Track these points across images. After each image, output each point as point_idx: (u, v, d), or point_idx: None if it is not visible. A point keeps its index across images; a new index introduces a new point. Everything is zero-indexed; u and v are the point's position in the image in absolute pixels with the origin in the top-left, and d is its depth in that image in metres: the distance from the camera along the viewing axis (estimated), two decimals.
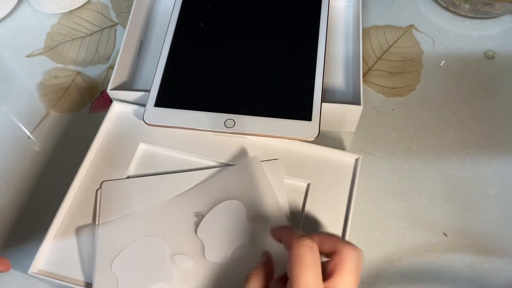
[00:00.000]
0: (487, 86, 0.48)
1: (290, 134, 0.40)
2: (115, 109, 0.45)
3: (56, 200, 0.40)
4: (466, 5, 0.51)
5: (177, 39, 0.46)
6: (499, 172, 0.44)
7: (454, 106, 0.47)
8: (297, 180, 0.41)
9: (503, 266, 0.39)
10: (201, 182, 0.41)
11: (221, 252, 0.37)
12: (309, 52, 0.44)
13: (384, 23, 0.53)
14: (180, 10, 0.48)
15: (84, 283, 0.37)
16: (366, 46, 0.51)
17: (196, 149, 0.42)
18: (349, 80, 0.47)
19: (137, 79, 0.49)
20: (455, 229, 0.41)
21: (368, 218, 0.41)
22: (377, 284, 0.39)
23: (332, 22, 0.51)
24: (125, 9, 0.55)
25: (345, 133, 0.46)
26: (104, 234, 0.38)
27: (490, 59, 0.50)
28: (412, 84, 0.49)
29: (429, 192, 0.43)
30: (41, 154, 0.46)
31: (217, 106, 0.41)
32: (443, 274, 0.39)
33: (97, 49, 0.52)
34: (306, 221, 0.39)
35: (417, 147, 0.45)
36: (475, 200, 0.42)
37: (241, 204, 0.39)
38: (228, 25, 0.47)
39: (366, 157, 0.44)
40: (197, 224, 0.39)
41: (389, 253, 0.40)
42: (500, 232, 0.41)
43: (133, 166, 0.42)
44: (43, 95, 0.49)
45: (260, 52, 0.45)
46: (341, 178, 0.41)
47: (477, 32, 0.52)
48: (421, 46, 0.51)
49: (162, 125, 0.41)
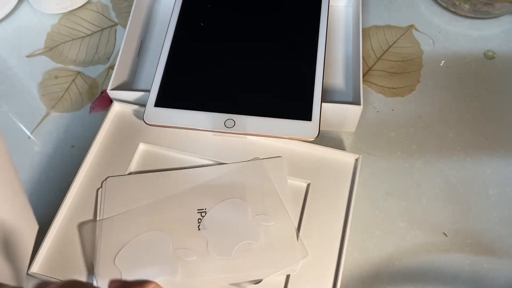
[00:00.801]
0: (487, 86, 0.48)
1: (290, 134, 0.40)
2: (115, 109, 0.45)
3: (56, 201, 0.40)
4: (466, 5, 0.51)
5: (177, 39, 0.46)
6: (499, 172, 0.44)
7: (454, 106, 0.47)
8: (297, 180, 0.41)
9: (503, 266, 0.39)
10: (204, 179, 0.41)
11: (225, 248, 0.37)
12: (309, 52, 0.44)
13: (384, 23, 0.53)
14: (180, 10, 0.48)
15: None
16: (366, 46, 0.51)
17: (196, 149, 0.42)
18: (349, 80, 0.47)
19: (137, 79, 0.49)
20: (455, 229, 0.41)
21: (368, 218, 0.42)
22: (377, 284, 0.39)
23: (332, 22, 0.51)
24: (125, 9, 0.55)
25: (345, 133, 0.46)
26: (107, 228, 0.38)
27: (490, 59, 0.50)
28: (412, 84, 0.49)
29: (429, 192, 0.43)
30: (41, 154, 0.46)
31: (217, 106, 0.41)
32: (443, 274, 0.39)
33: (97, 49, 0.52)
34: (306, 221, 0.39)
35: (417, 147, 0.45)
36: (475, 200, 0.42)
37: (243, 202, 0.39)
38: (228, 25, 0.47)
39: (366, 157, 0.44)
40: (200, 220, 0.39)
41: (389, 253, 0.40)
42: (500, 232, 0.41)
43: (133, 166, 0.42)
44: (43, 95, 0.49)
45: (260, 52, 0.45)
46: (341, 178, 0.41)
47: (477, 32, 0.52)
48: (421, 46, 0.51)
49: (162, 125, 0.41)
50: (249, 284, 0.37)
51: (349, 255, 0.39)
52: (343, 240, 0.38)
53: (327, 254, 0.38)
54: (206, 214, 0.39)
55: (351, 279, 0.39)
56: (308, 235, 0.39)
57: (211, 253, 0.37)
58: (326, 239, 0.39)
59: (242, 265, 0.37)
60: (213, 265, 0.37)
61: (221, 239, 0.38)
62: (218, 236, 0.38)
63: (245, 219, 0.39)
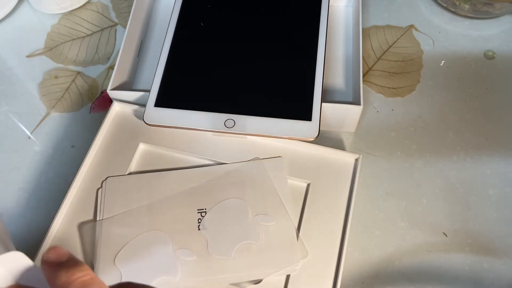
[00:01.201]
0: (487, 86, 0.48)
1: (290, 134, 0.40)
2: (115, 109, 0.45)
3: (56, 201, 0.40)
4: (466, 5, 0.51)
5: (177, 39, 0.46)
6: (499, 172, 0.44)
7: (454, 106, 0.47)
8: (297, 180, 0.41)
9: (503, 266, 0.39)
10: (204, 179, 0.41)
11: (225, 248, 0.37)
12: (309, 52, 0.44)
13: (384, 23, 0.53)
14: (180, 10, 0.48)
15: None
16: (366, 46, 0.51)
17: (196, 149, 0.42)
18: (349, 80, 0.47)
19: (137, 79, 0.49)
20: (455, 229, 0.41)
21: (368, 218, 0.42)
22: (377, 284, 0.39)
23: (332, 22, 0.51)
24: (125, 9, 0.55)
25: (345, 133, 0.46)
26: (107, 228, 0.38)
27: (490, 59, 0.50)
28: (412, 84, 0.49)
29: (429, 192, 0.43)
30: (41, 154, 0.46)
31: (217, 106, 0.41)
32: (443, 274, 0.39)
33: (97, 49, 0.52)
34: (306, 221, 0.39)
35: (417, 147, 0.45)
36: (475, 200, 0.42)
37: (243, 202, 0.39)
38: (228, 25, 0.47)
39: (366, 157, 0.44)
40: (200, 220, 0.39)
41: (389, 253, 0.40)
42: (500, 232, 0.41)
43: (133, 166, 0.42)
44: (43, 95, 0.49)
45: (260, 52, 0.45)
46: (341, 178, 0.41)
47: (477, 32, 0.52)
48: (421, 46, 0.51)
49: (162, 125, 0.41)
50: (249, 284, 0.37)
51: (349, 255, 0.39)
52: (343, 240, 0.38)
53: (327, 254, 0.38)
54: (206, 214, 0.39)
55: (351, 279, 0.39)
56: (308, 235, 0.39)
57: (211, 253, 0.37)
58: (326, 239, 0.39)
59: (242, 265, 0.37)
60: (213, 265, 0.37)
61: (221, 239, 0.38)
62: (218, 236, 0.38)
63: (245, 219, 0.39)
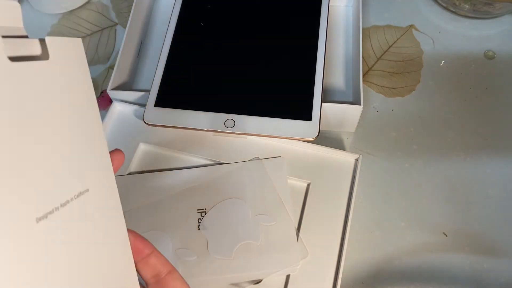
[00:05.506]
0: (487, 86, 0.48)
1: (290, 134, 0.40)
2: (115, 109, 0.45)
3: None
4: (466, 5, 0.51)
5: (177, 39, 0.46)
6: (499, 172, 0.44)
7: (454, 106, 0.47)
8: (297, 180, 0.41)
9: (502, 266, 0.39)
10: (204, 179, 0.41)
11: (225, 248, 0.37)
12: (309, 52, 0.44)
13: (384, 23, 0.53)
14: (180, 10, 0.48)
15: None
16: (366, 46, 0.51)
17: (196, 149, 0.42)
18: (349, 80, 0.47)
19: (137, 79, 0.49)
20: (455, 229, 0.41)
21: (368, 218, 0.42)
22: (377, 284, 0.39)
23: (332, 22, 0.51)
24: (125, 9, 0.55)
25: (345, 133, 0.46)
26: None
27: (490, 59, 0.50)
28: (412, 84, 0.49)
29: (429, 192, 0.43)
30: None
31: (217, 106, 0.41)
32: (443, 274, 0.39)
33: (97, 49, 0.52)
34: (306, 221, 0.39)
35: (417, 147, 0.45)
36: (475, 200, 0.42)
37: (243, 202, 0.39)
38: (228, 25, 0.47)
39: (366, 157, 0.44)
40: (200, 220, 0.39)
41: (389, 253, 0.40)
42: (500, 232, 0.41)
43: (133, 166, 0.42)
44: None
45: (260, 52, 0.45)
46: (341, 178, 0.41)
47: (477, 32, 0.52)
48: (421, 46, 0.51)
49: (162, 125, 0.41)
50: (249, 284, 0.37)
51: (349, 255, 0.39)
52: (343, 240, 0.38)
53: (327, 254, 0.38)
54: (206, 214, 0.39)
55: (351, 279, 0.39)
56: (308, 235, 0.39)
57: (211, 253, 0.37)
58: (326, 239, 0.39)
59: (242, 265, 0.37)
60: (213, 265, 0.37)
61: (221, 239, 0.38)
62: (218, 236, 0.38)
63: (245, 219, 0.39)
